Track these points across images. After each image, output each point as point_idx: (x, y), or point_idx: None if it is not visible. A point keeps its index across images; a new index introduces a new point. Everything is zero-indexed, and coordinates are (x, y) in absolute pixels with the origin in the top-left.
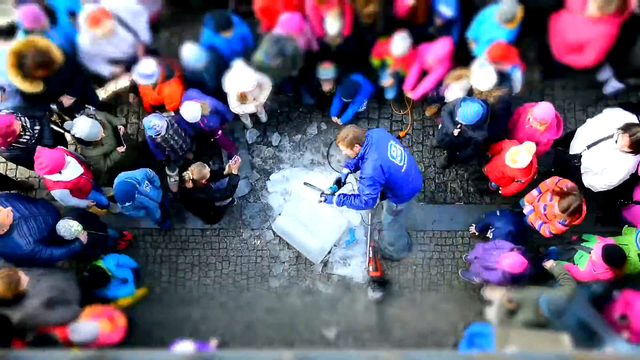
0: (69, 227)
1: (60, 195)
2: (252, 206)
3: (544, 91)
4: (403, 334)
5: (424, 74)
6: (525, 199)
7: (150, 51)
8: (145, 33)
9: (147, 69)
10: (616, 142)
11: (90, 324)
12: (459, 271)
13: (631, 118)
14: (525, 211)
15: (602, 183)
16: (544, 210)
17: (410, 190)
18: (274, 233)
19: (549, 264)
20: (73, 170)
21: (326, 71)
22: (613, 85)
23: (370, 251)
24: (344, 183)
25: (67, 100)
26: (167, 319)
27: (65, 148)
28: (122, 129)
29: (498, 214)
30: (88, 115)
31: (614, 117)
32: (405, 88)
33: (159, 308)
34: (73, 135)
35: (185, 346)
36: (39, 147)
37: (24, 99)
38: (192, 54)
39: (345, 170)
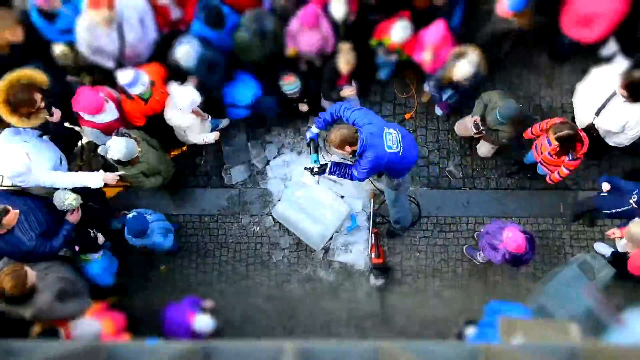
0: (63, 199)
1: (91, 133)
2: (251, 192)
3: (553, 75)
4: (405, 321)
5: None
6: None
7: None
8: (152, 32)
9: (127, 77)
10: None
11: (93, 322)
12: (465, 247)
13: (621, 67)
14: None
15: (627, 139)
16: (552, 156)
17: (406, 165)
18: (274, 219)
19: None
20: (107, 115)
21: (290, 86)
22: (619, 62)
23: (373, 237)
24: (318, 146)
25: (56, 115)
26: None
27: (109, 89)
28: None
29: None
30: (122, 134)
31: (607, 73)
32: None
33: (157, 296)
34: (110, 159)
35: (204, 320)
36: (82, 87)
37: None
38: (184, 54)
39: (315, 130)
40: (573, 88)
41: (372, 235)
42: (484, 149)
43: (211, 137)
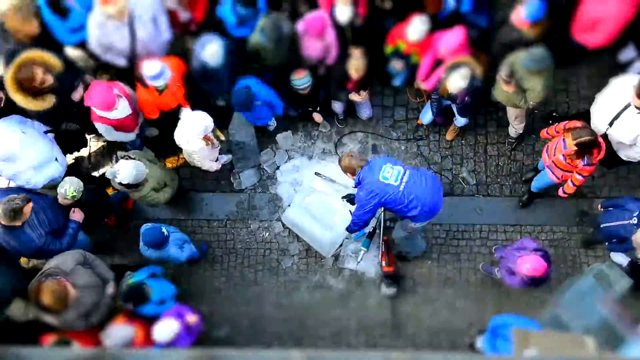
0: (65, 188)
1: (103, 129)
2: (261, 197)
3: (570, 80)
4: (416, 331)
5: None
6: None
7: None
8: (166, 32)
9: (153, 69)
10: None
11: (125, 328)
12: (481, 265)
13: None
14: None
15: (639, 153)
16: (565, 160)
17: (424, 211)
18: (283, 225)
19: None
20: (120, 111)
21: (300, 81)
22: (638, 67)
23: (383, 245)
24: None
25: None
26: None
27: (123, 85)
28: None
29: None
30: (124, 158)
31: (626, 84)
32: (418, 78)
33: None
34: (119, 183)
35: (169, 324)
36: (95, 81)
37: (40, 120)
38: (212, 53)
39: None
40: (589, 94)
41: (383, 243)
42: (512, 115)
43: (214, 166)
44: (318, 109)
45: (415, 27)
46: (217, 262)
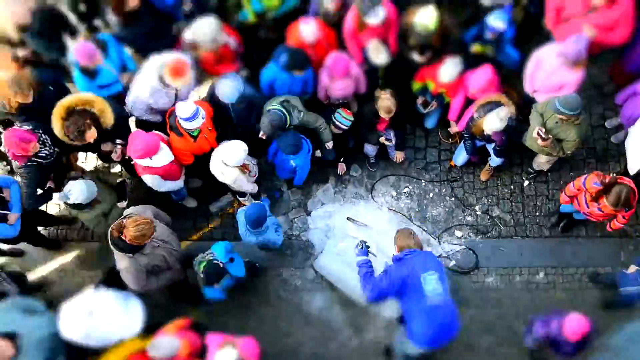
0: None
1: (152, 181)
2: (292, 244)
3: (607, 115)
4: None
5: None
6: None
7: None
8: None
9: (188, 110)
10: None
11: (172, 339)
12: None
13: None
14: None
15: None
16: (602, 211)
17: (431, 334)
18: (316, 272)
19: None
20: (164, 157)
21: (346, 120)
22: None
23: None
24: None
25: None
26: None
27: (160, 133)
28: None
29: None
30: (75, 178)
31: None
32: (449, 118)
33: None
34: (68, 204)
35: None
36: (135, 130)
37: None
38: (227, 89)
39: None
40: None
41: None
42: (542, 159)
43: (252, 188)
44: (342, 159)
45: (448, 69)
46: (250, 310)
